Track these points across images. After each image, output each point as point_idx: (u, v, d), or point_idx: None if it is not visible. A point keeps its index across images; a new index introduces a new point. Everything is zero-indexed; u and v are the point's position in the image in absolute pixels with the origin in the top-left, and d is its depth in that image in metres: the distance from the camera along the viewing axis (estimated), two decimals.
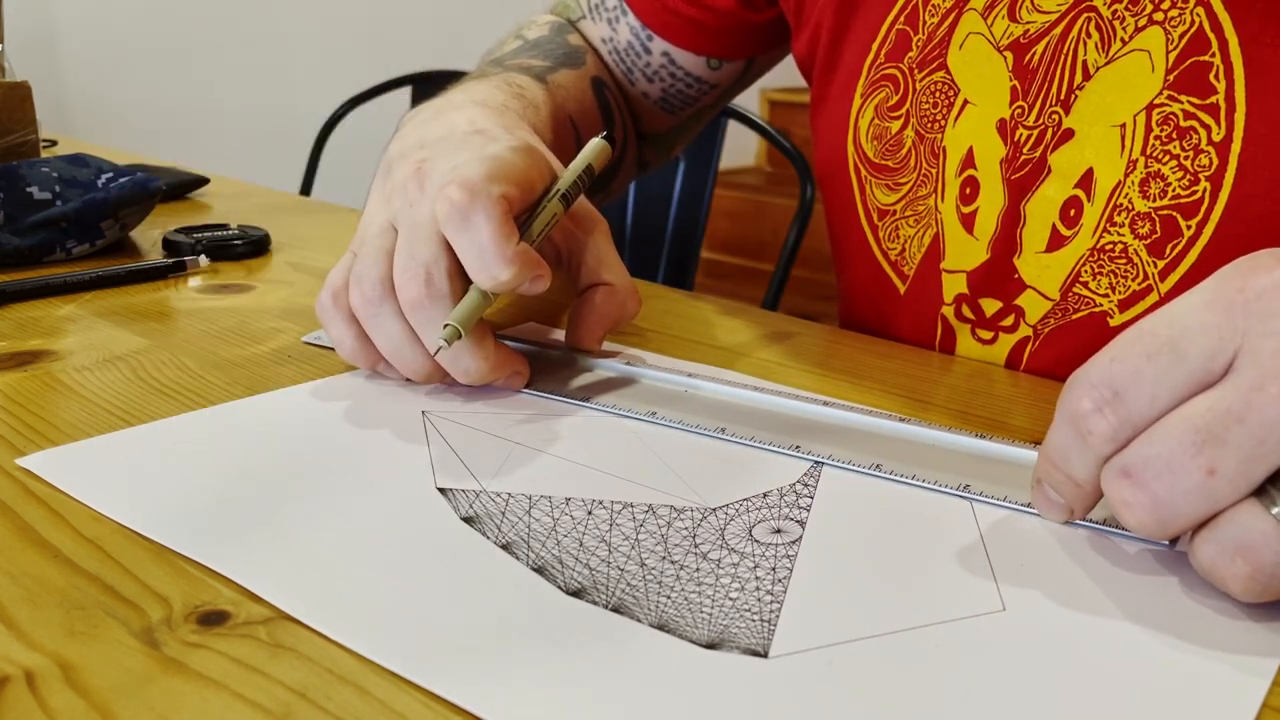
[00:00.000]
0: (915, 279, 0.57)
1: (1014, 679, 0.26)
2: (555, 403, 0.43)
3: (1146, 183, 0.48)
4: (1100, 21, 0.49)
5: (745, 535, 0.33)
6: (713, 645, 0.27)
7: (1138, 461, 0.29)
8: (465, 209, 0.39)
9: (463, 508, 0.34)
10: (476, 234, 0.39)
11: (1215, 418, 0.28)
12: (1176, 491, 0.28)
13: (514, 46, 0.67)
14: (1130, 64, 0.48)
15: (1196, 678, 0.27)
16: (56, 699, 0.24)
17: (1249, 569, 0.28)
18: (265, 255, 0.67)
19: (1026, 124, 0.51)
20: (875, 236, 0.59)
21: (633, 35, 0.68)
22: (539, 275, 0.41)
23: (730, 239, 2.77)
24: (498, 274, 0.39)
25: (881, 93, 0.57)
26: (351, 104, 1.53)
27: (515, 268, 0.40)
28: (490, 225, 0.39)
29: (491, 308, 0.43)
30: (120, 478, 0.35)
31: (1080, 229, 0.50)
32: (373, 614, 0.28)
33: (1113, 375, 0.29)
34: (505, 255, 0.39)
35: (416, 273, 0.40)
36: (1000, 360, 0.54)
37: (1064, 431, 0.31)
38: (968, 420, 0.44)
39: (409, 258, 0.41)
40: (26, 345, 0.48)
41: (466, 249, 0.40)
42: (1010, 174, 0.52)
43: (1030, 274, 0.52)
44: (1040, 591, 0.30)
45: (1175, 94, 0.47)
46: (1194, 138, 0.47)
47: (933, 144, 0.55)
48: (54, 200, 0.63)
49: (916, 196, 0.56)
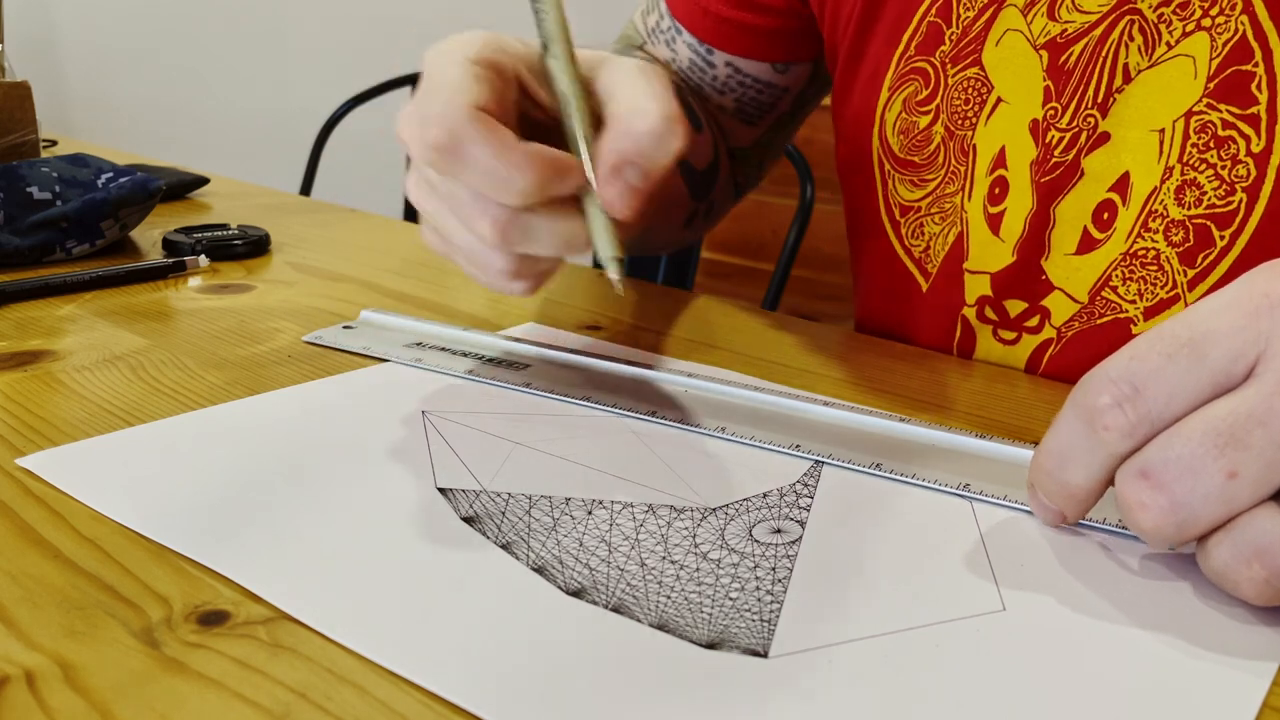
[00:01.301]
0: (938, 277, 0.57)
1: (1014, 679, 0.26)
2: (555, 403, 0.43)
3: (1182, 190, 0.48)
4: (1144, 24, 0.48)
5: (745, 535, 0.33)
6: (713, 645, 0.27)
7: (1157, 463, 0.28)
8: (447, 146, 0.35)
9: (463, 508, 0.34)
10: (473, 164, 0.35)
11: (1237, 420, 0.27)
12: (1196, 494, 0.28)
13: None
14: (1173, 69, 0.47)
15: (1196, 678, 0.27)
16: (56, 699, 0.24)
17: (1265, 573, 0.27)
18: (265, 255, 0.67)
19: (1059, 126, 0.51)
20: (897, 233, 0.58)
21: (693, 53, 0.66)
22: (559, 172, 0.36)
23: (730, 239, 2.77)
24: (518, 184, 0.35)
25: (910, 86, 0.56)
26: (351, 104, 1.53)
27: (532, 171, 0.35)
28: (481, 147, 0.35)
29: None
30: (120, 478, 0.35)
31: (1114, 233, 0.50)
32: (373, 614, 0.28)
33: (1133, 372, 0.29)
34: (512, 161, 0.35)
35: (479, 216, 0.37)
36: (1021, 361, 0.54)
37: (1074, 428, 0.30)
38: (988, 427, 0.44)
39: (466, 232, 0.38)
40: (26, 345, 0.48)
41: (478, 182, 0.36)
42: (1040, 176, 0.51)
43: (1059, 276, 0.52)
44: (1040, 591, 0.30)
45: (1215, 102, 0.46)
46: (1232, 147, 0.46)
47: (962, 141, 0.54)
48: (54, 200, 0.63)
49: (943, 194, 0.55)
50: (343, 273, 0.63)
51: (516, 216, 0.37)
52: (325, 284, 0.61)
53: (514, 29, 0.40)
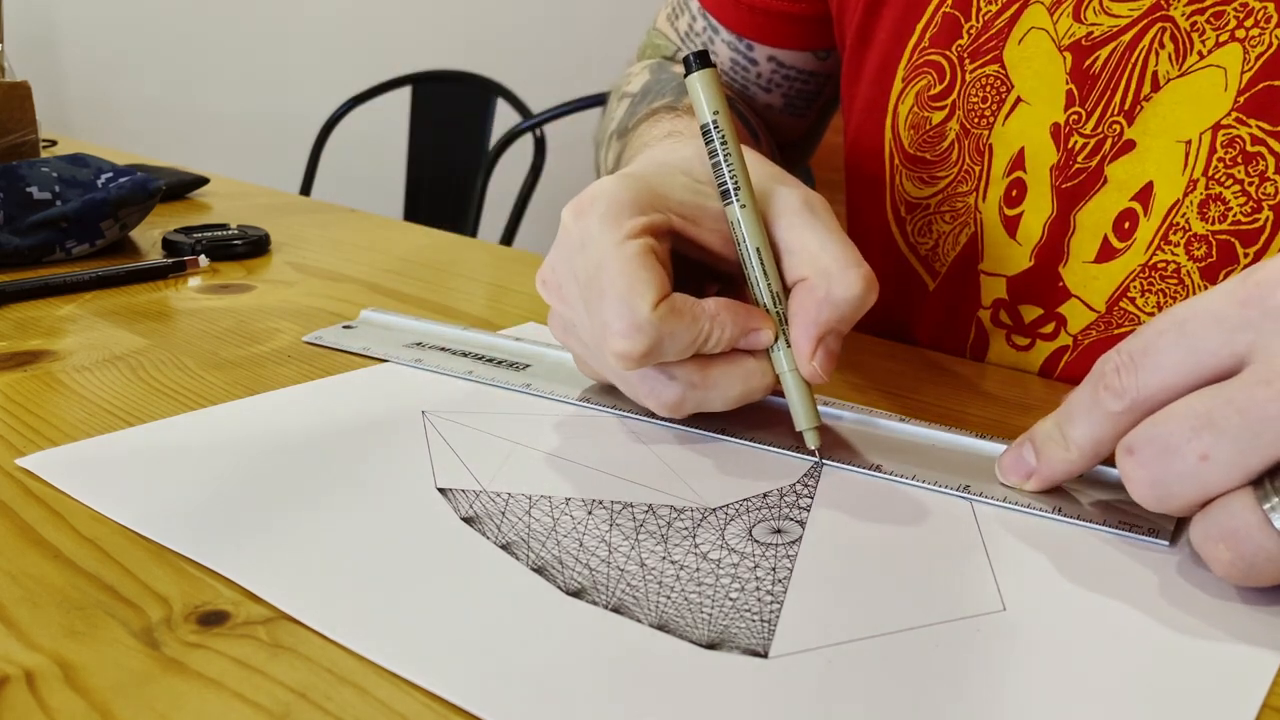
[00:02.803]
0: (946, 277, 0.56)
1: (1014, 679, 0.26)
2: (556, 403, 0.43)
3: (1206, 204, 0.47)
4: (1176, 32, 0.47)
5: (745, 535, 0.33)
6: (713, 645, 0.27)
7: (1141, 440, 0.30)
8: (636, 354, 0.35)
9: (463, 508, 0.34)
10: (673, 342, 0.36)
11: (1216, 405, 0.29)
12: (1171, 473, 0.29)
13: (625, 108, 0.63)
14: (1203, 79, 0.47)
15: (1196, 677, 0.27)
16: (56, 699, 0.24)
17: (1230, 555, 0.29)
18: (265, 255, 0.67)
19: (1083, 131, 0.50)
20: (902, 230, 0.57)
21: (733, 51, 0.65)
22: (752, 329, 0.37)
23: None
24: (712, 336, 0.36)
25: (924, 79, 0.55)
26: (351, 104, 1.53)
27: (698, 323, 0.36)
28: (664, 332, 0.35)
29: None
30: (120, 478, 0.35)
31: (1134, 243, 0.49)
32: (373, 614, 0.28)
33: (1131, 344, 0.32)
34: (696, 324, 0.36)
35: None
36: (1035, 366, 0.53)
37: (1084, 389, 0.33)
38: (998, 429, 0.44)
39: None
40: (26, 345, 0.48)
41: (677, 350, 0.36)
42: (1061, 182, 0.51)
43: (1076, 283, 0.51)
44: (1040, 591, 0.30)
45: (1244, 116, 0.46)
46: (1260, 164, 0.46)
47: (978, 140, 0.53)
48: (54, 200, 0.64)
49: (955, 193, 0.54)
50: (343, 273, 0.63)
51: (690, 393, 0.38)
52: (325, 284, 0.61)
53: (514, 28, 0.40)
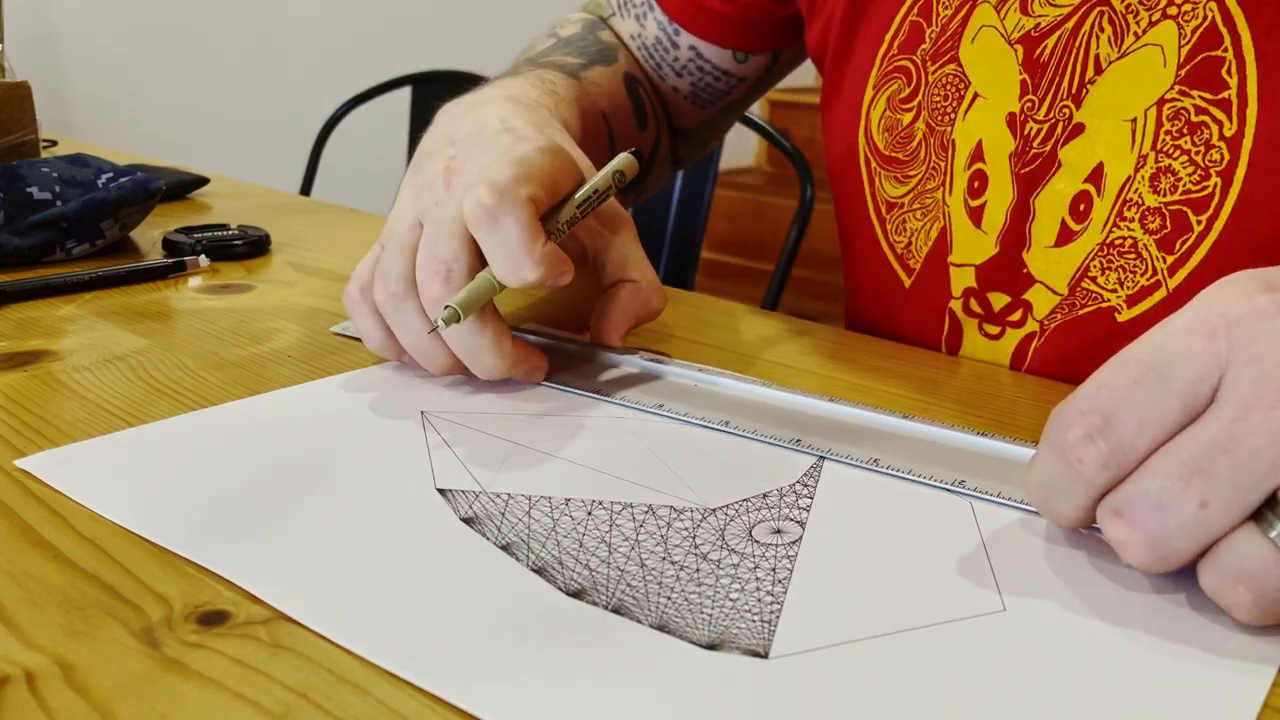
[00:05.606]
0: (921, 273, 0.57)
1: (1014, 679, 0.26)
2: (556, 403, 0.43)
3: (1157, 177, 0.48)
4: (1113, 15, 0.49)
5: (745, 536, 0.33)
6: (713, 646, 0.27)
7: (1129, 499, 0.29)
8: (494, 211, 0.40)
9: (462, 508, 0.34)
10: (505, 235, 0.40)
11: (1201, 450, 0.27)
12: (1170, 527, 0.28)
13: (548, 45, 0.68)
14: (1142, 58, 0.48)
15: (1197, 678, 0.27)
16: (56, 699, 0.24)
17: (1251, 595, 0.27)
18: (265, 255, 0.67)
19: (1036, 118, 0.51)
20: (883, 230, 0.59)
21: (660, 30, 0.69)
22: (563, 272, 0.42)
23: (730, 239, 2.77)
24: (526, 274, 0.40)
25: (894, 84, 0.57)
26: (351, 104, 1.53)
27: (543, 267, 0.41)
28: (518, 227, 0.40)
29: (513, 304, 0.43)
30: (120, 478, 0.35)
31: (1090, 224, 0.50)
32: (373, 614, 0.28)
33: (1100, 402, 0.29)
34: (533, 256, 0.40)
35: (438, 270, 0.41)
36: (1006, 355, 0.54)
37: (1051, 464, 0.30)
38: (975, 424, 0.44)
39: (431, 255, 0.42)
40: (26, 345, 0.48)
41: (495, 250, 0.41)
42: (1020, 168, 0.52)
43: (1039, 269, 0.52)
44: (1040, 592, 0.30)
45: (1187, 89, 0.47)
46: (1205, 133, 0.47)
47: (942, 136, 0.55)
48: (54, 200, 0.63)
49: (925, 189, 0.56)
50: (343, 273, 0.63)
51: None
52: (325, 284, 0.61)
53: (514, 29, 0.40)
